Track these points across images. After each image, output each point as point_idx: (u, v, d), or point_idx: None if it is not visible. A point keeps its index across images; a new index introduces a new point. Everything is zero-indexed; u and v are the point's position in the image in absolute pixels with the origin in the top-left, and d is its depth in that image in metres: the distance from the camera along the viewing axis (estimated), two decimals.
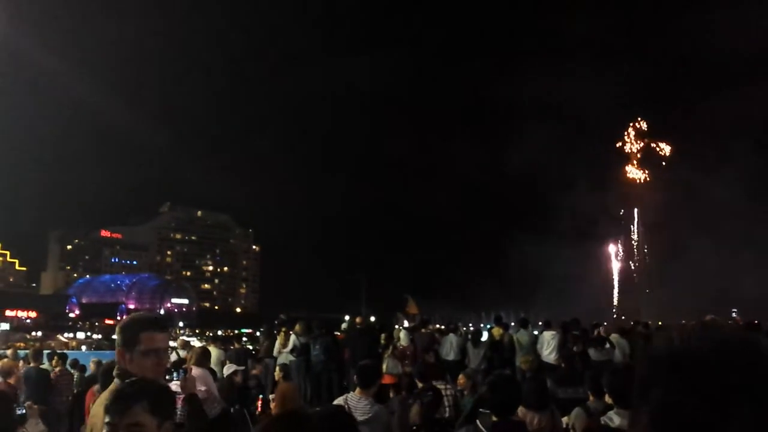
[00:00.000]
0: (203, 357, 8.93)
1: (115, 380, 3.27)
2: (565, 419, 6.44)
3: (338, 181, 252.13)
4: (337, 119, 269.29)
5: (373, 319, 29.52)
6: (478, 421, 4.53)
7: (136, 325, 3.36)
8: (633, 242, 71.46)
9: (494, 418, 4.47)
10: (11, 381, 8.77)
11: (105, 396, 3.25)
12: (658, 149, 75.61)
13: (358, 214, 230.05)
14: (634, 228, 72.35)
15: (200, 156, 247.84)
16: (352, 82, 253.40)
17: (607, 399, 5.36)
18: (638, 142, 78.54)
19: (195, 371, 8.17)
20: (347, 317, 24.00)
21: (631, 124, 79.45)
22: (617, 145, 79.47)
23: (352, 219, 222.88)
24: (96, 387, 9.10)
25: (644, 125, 79.37)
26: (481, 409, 4.83)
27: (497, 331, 16.57)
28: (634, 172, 77.65)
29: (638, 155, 77.87)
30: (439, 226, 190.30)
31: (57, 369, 13.69)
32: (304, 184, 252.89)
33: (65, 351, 20.59)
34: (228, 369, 10.60)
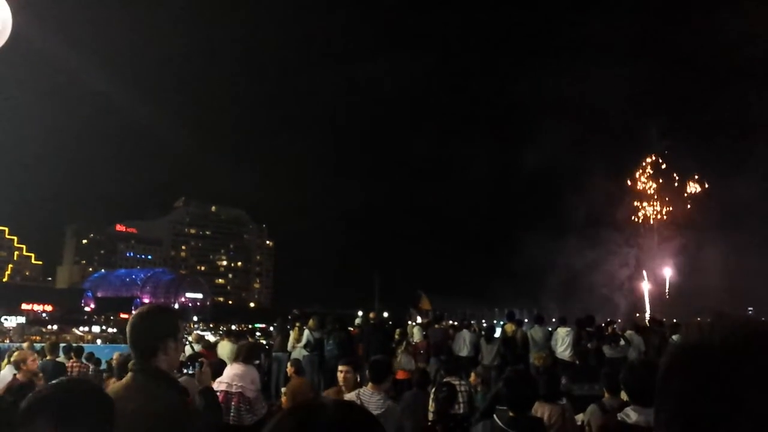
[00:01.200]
0: (252, 353, 8.66)
1: (129, 374, 3.24)
2: (580, 416, 6.42)
3: (352, 178, 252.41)
4: (352, 117, 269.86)
5: (386, 314, 29.55)
6: (495, 416, 4.52)
7: (177, 314, 3.38)
8: (650, 240, 71.08)
9: (511, 414, 4.46)
10: (19, 376, 8.63)
11: (115, 388, 3.26)
12: (683, 185, 71.24)
13: (372, 209, 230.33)
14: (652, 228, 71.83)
15: (215, 151, 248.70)
16: (367, 81, 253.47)
17: (623, 396, 5.32)
18: (652, 181, 73.71)
19: (241, 368, 8.10)
20: (360, 313, 24.00)
21: (644, 163, 74.14)
22: (628, 183, 74.42)
23: (366, 215, 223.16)
24: (113, 380, 9.13)
25: (659, 160, 73.88)
26: (498, 406, 4.82)
27: (510, 328, 16.54)
28: (648, 209, 73.86)
29: (654, 195, 73.94)
30: (452, 222, 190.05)
31: (71, 362, 13.81)
32: (319, 180, 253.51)
33: (81, 344, 20.74)
34: None
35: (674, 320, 18.98)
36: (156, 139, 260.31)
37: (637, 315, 48.56)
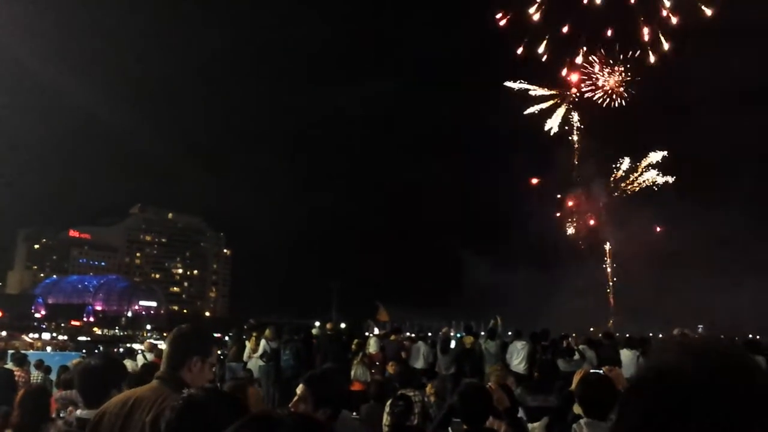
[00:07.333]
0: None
1: (155, 380, 3.46)
2: (536, 424, 6.46)
3: (311, 188, 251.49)
4: (314, 129, 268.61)
5: (343, 325, 29.53)
6: (450, 429, 4.53)
7: (211, 337, 3.59)
8: (603, 254, 72.18)
9: (465, 427, 4.47)
10: None
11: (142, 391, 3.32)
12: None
13: (331, 220, 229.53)
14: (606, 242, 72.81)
15: (173, 157, 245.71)
16: (333, 99, 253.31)
17: (576, 408, 5.38)
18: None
19: None
20: (317, 323, 23.92)
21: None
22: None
23: (325, 225, 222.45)
24: (62, 393, 8.87)
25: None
26: (453, 418, 4.84)
27: (468, 340, 16.61)
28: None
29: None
30: (412, 235, 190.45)
31: (18, 370, 13.54)
32: (278, 189, 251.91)
33: (27, 352, 20.33)
34: None
35: (627, 335, 19.25)
36: (113, 143, 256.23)
37: (591, 329, 49.27)
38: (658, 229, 65.19)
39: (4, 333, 75.19)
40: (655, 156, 65.78)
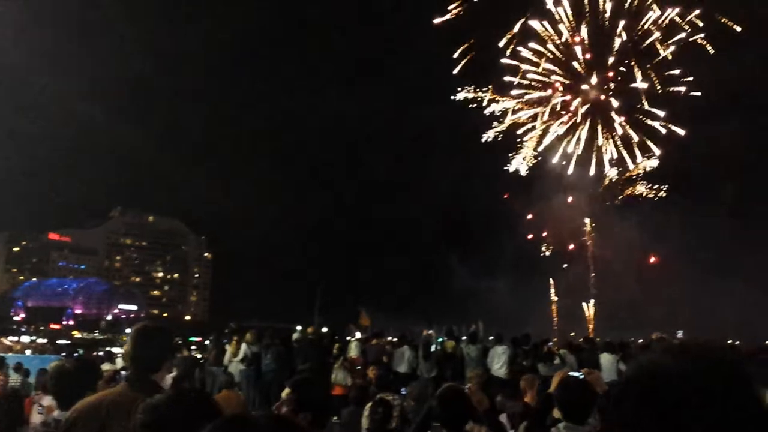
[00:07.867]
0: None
1: (124, 383, 3.46)
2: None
3: (294, 192, 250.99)
4: (296, 133, 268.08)
5: (325, 329, 29.53)
6: None
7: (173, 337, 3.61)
8: (582, 255, 72.34)
9: (444, 431, 4.48)
10: None
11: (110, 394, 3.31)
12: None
13: (313, 223, 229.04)
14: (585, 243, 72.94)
15: (154, 160, 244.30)
16: (319, 102, 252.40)
17: (556, 413, 5.40)
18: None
19: None
20: (299, 327, 23.87)
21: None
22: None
23: (307, 229, 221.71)
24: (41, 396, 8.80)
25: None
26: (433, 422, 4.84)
27: (450, 344, 16.66)
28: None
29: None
30: (395, 240, 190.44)
31: None
32: (260, 193, 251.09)
33: (6, 354, 20.11)
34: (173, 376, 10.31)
35: (607, 339, 19.35)
36: (94, 145, 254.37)
37: (572, 334, 49.39)
38: (642, 236, 65.37)
39: None
40: (645, 165, 65.80)
